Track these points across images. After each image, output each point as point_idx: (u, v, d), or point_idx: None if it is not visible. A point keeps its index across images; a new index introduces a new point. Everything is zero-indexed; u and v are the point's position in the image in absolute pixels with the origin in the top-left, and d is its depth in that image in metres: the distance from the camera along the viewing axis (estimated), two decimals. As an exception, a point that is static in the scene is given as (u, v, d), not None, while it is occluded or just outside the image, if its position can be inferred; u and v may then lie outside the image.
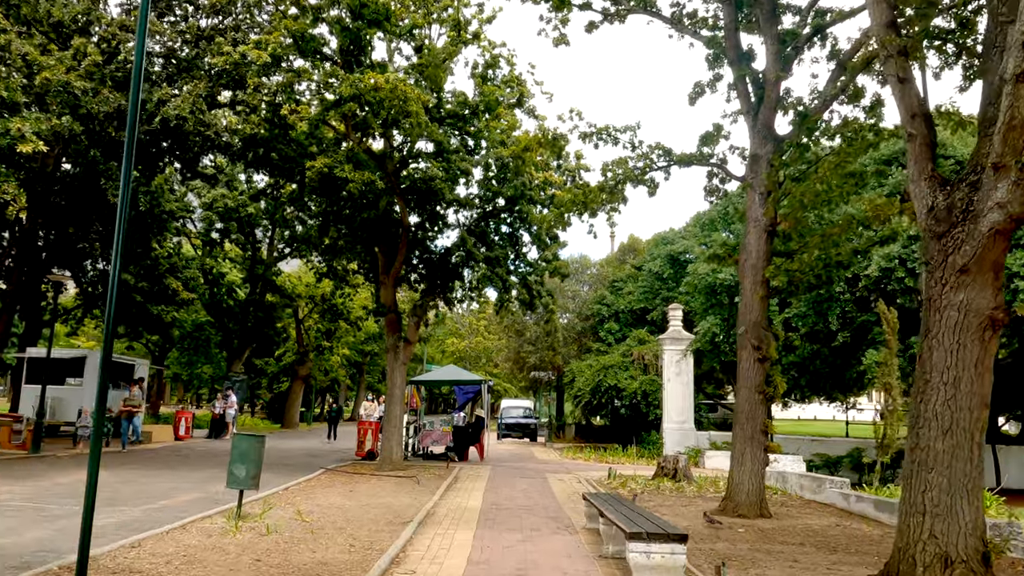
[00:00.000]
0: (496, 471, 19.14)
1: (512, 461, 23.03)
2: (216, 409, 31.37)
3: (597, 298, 31.57)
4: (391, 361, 18.54)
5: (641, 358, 26.96)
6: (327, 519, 10.54)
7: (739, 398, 12.65)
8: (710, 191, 14.26)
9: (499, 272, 18.39)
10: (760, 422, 12.42)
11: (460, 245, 18.69)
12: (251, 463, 10.21)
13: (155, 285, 24.88)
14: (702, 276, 23.08)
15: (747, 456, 12.33)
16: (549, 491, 15.26)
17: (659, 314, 29.64)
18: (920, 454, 6.95)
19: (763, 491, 12.35)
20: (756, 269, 12.69)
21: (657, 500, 14.09)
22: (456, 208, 18.72)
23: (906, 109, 7.70)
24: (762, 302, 12.65)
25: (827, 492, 14.40)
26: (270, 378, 52.69)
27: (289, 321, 41.65)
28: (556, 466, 21.64)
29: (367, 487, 14.71)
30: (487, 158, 17.83)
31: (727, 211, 28.11)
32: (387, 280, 18.75)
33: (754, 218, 12.82)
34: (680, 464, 17.69)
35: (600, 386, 26.65)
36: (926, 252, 7.27)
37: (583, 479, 17.52)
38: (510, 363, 35.59)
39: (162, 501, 12.04)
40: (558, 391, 37.86)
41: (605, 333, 30.34)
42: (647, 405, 26.01)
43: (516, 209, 19.17)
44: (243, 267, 35.18)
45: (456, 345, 54.43)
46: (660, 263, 29.66)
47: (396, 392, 18.36)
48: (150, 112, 15.52)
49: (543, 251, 20.17)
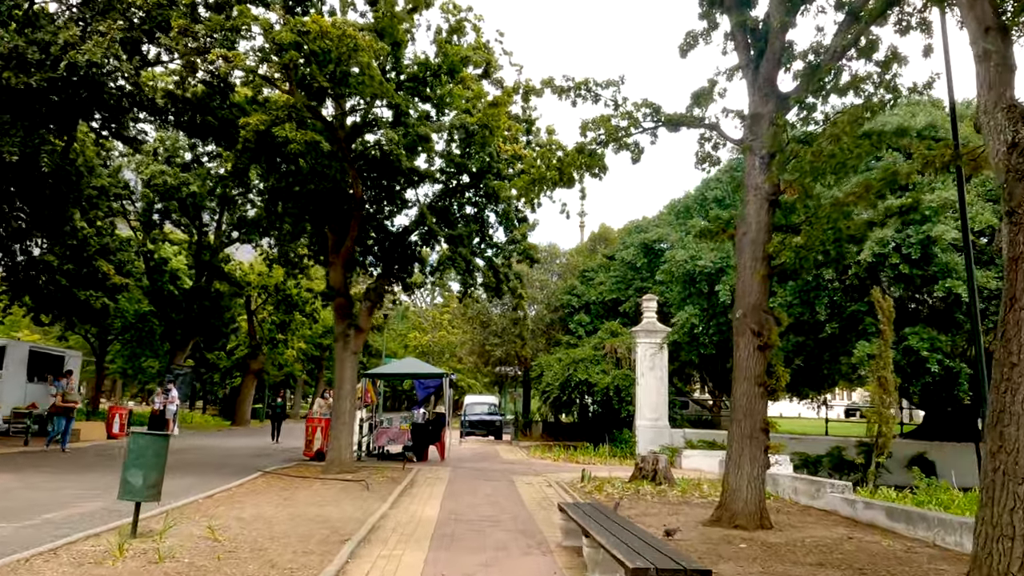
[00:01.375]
0: (458, 473, 17.32)
1: (476, 461, 21.23)
2: (155, 405, 28.99)
3: (567, 288, 29.90)
4: (339, 351, 16.59)
5: (614, 351, 25.36)
6: (246, 537, 8.61)
7: (736, 391, 11.02)
8: (702, 158, 12.61)
9: (463, 253, 16.55)
10: (760, 418, 10.81)
11: (419, 222, 16.82)
12: (150, 468, 8.24)
13: (83, 268, 22.47)
14: (680, 263, 21.55)
15: (745, 458, 10.71)
16: (517, 497, 13.50)
17: (632, 305, 28.09)
18: (1006, 460, 5.33)
19: (763, 499, 10.75)
20: (756, 244, 11.08)
21: (639, 507, 12.42)
22: (415, 181, 16.83)
23: (977, 22, 6.08)
24: (763, 282, 11.04)
25: (827, 497, 12.87)
26: (223, 373, 50.23)
27: (239, 311, 39.25)
28: (523, 467, 19.90)
29: (307, 494, 12.78)
30: (451, 125, 15.95)
31: (703, 197, 26.66)
32: (336, 261, 16.80)
33: (754, 186, 11.20)
34: (660, 465, 16.08)
35: (570, 381, 24.99)
36: (1009, 198, 5.65)
37: (554, 482, 15.81)
38: (474, 356, 33.75)
39: (50, 513, 9.98)
40: (524, 386, 36.13)
41: (575, 325, 28.68)
42: (620, 401, 24.41)
43: (482, 185, 17.35)
44: (188, 253, 32.74)
45: (419, 339, 52.43)
46: (633, 252, 28.10)
47: (346, 386, 16.43)
48: (55, 56, 13.33)
49: (511, 232, 18.38)
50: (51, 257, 21.63)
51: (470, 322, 33.34)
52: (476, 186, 17.89)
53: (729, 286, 20.47)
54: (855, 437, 27.37)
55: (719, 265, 20.72)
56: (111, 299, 23.51)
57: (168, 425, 28.80)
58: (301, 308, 39.28)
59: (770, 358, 11.00)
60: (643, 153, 12.51)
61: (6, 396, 24.52)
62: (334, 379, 16.83)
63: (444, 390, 21.58)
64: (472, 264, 16.73)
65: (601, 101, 12.24)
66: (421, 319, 58.69)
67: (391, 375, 23.14)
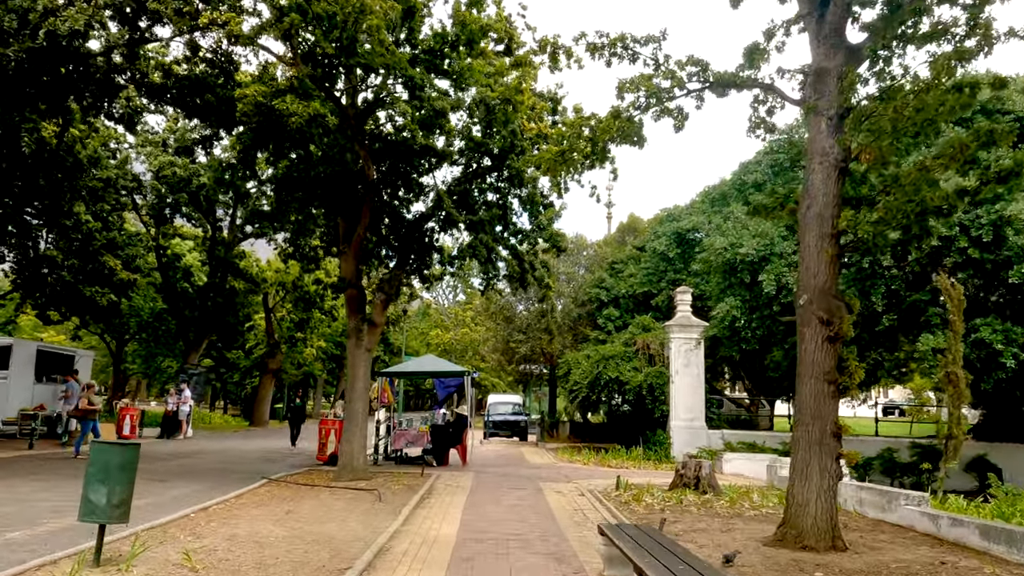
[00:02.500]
0: (480, 480, 15.94)
1: (499, 465, 19.85)
2: (168, 405, 28.03)
3: (595, 281, 28.37)
4: (352, 347, 15.28)
5: (646, 347, 23.81)
6: (230, 564, 7.29)
7: (801, 390, 9.49)
8: (755, 124, 11.07)
9: (484, 239, 15.15)
10: (831, 421, 9.27)
11: (437, 208, 15.45)
12: (116, 484, 6.94)
13: (88, 263, 21.43)
14: (719, 252, 19.95)
15: (813, 467, 9.18)
16: (546, 508, 12.07)
17: (664, 299, 26.51)
18: None
19: (835, 515, 9.21)
20: (823, 219, 9.53)
21: (685, 521, 10.93)
22: (432, 163, 15.46)
23: None
24: (831, 262, 9.49)
25: (902, 511, 11.28)
26: (243, 373, 49.45)
27: (257, 309, 38.26)
28: (551, 471, 18.48)
29: (312, 506, 11.46)
30: (471, 101, 14.55)
31: (742, 183, 24.99)
32: (348, 250, 15.49)
33: (819, 151, 9.65)
34: (703, 472, 14.55)
35: (599, 379, 23.47)
36: None
37: (586, 490, 14.36)
38: (498, 354, 32.36)
39: (15, 532, 8.75)
40: (551, 385, 34.65)
41: (604, 320, 27.15)
42: (653, 401, 22.86)
43: (505, 167, 15.93)
44: (202, 249, 31.72)
45: (441, 337, 51.18)
46: (666, 242, 26.50)
47: (359, 385, 15.12)
48: (34, 24, 12.16)
49: (536, 218, 16.94)
50: (55, 252, 20.58)
51: (493, 318, 31.93)
52: (498, 169, 16.48)
53: (774, 275, 18.87)
54: (906, 438, 25.55)
55: (762, 253, 19.10)
56: (119, 296, 22.42)
57: (181, 427, 27.87)
58: (320, 306, 38.21)
59: (841, 351, 9.46)
60: (687, 120, 11.01)
61: (12, 397, 23.60)
62: (349, 376, 15.53)
63: (466, 389, 20.21)
64: (494, 252, 15.31)
65: (640, 60, 10.76)
66: (443, 317, 57.47)
67: (409, 374, 21.84)
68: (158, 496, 12.10)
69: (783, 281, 18.75)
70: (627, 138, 10.79)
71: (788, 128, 23.78)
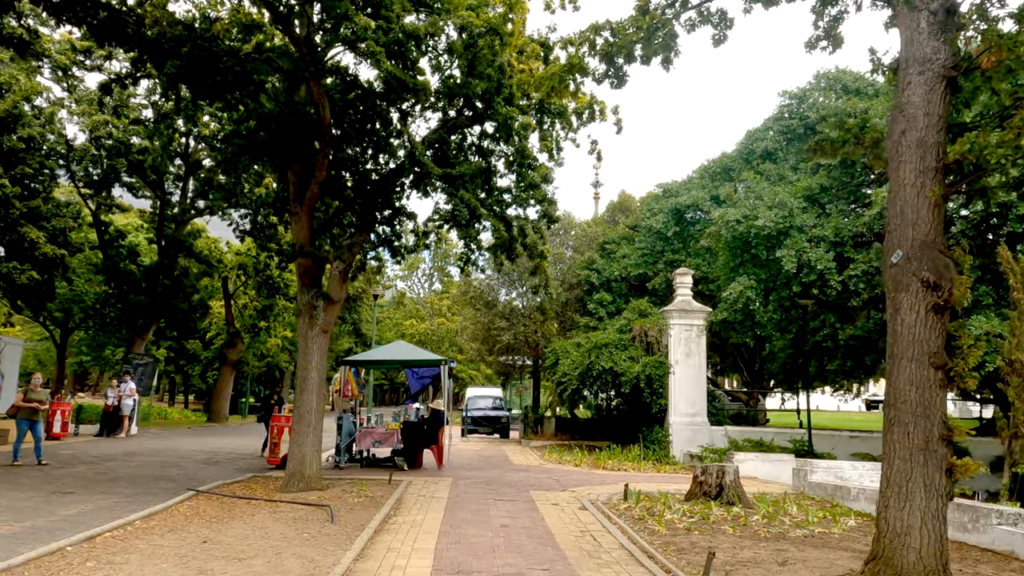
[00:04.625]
0: (460, 488, 13.36)
1: (481, 468, 17.29)
2: (109, 400, 24.98)
3: (585, 263, 25.87)
4: (303, 328, 12.61)
5: (643, 334, 21.36)
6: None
7: (896, 378, 7.04)
8: (818, 37, 8.54)
9: (464, 198, 12.55)
10: (939, 421, 6.84)
11: (410, 160, 12.79)
12: None
13: (5, 235, 18.45)
14: (731, 225, 17.52)
15: (916, 483, 6.74)
16: (544, 529, 9.53)
17: (662, 282, 24.10)
18: None
19: (946, 548, 6.78)
20: (925, 148, 7.08)
21: (724, 548, 8.46)
22: (401, 106, 12.79)
23: None
24: (937, 206, 7.05)
25: (994, 531, 8.93)
26: (204, 364, 46.42)
27: (214, 294, 35.28)
28: (541, 476, 15.97)
29: (240, 531, 8.81)
30: (447, 24, 11.90)
31: (749, 152, 22.61)
32: (300, 211, 12.81)
33: (919, 58, 7.19)
34: (727, 479, 12.13)
35: (591, 370, 20.99)
36: None
37: (587, 500, 11.87)
38: (477, 343, 29.78)
39: None
40: (534, 377, 32.12)
41: (595, 305, 24.66)
42: (652, 394, 20.44)
43: (490, 115, 13.31)
44: (151, 226, 28.68)
45: (416, 327, 48.42)
46: (663, 219, 24.05)
47: (312, 375, 12.46)
48: None
49: (523, 178, 14.38)
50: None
51: (472, 303, 29.31)
52: (481, 119, 13.85)
53: (795, 250, 16.49)
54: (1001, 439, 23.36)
55: (781, 226, 16.72)
56: (43, 274, 19.43)
57: (123, 423, 24.92)
58: (284, 292, 35.36)
59: (950, 326, 7.03)
60: (731, 28, 8.49)
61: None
62: (297, 366, 12.85)
63: (442, 381, 17.60)
64: (477, 212, 12.67)
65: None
66: (419, 306, 54.71)
67: (377, 362, 19.13)
68: (48, 516, 9.39)
69: (804, 258, 16.39)
70: (655, 49, 8.23)
71: (800, 91, 21.44)
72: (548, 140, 14.50)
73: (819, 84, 21.11)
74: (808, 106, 20.67)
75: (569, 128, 14.79)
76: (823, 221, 17.25)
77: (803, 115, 20.63)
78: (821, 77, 21.16)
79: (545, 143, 14.50)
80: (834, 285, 15.94)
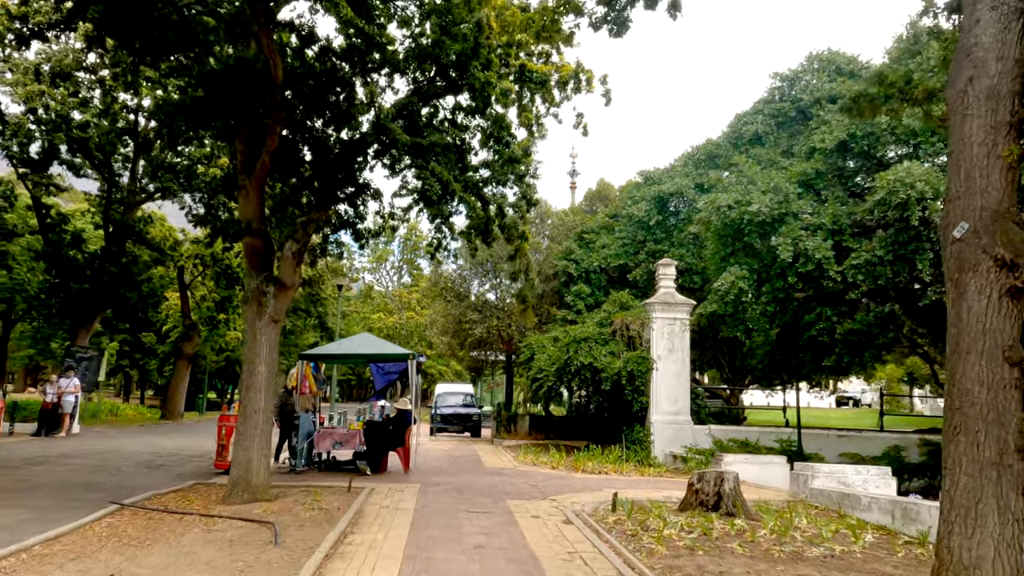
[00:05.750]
0: (428, 497, 11.96)
1: (451, 472, 15.90)
2: (47, 396, 23.09)
3: (562, 253, 24.56)
4: (251, 317, 11.10)
5: (625, 328, 20.13)
6: None
7: (960, 377, 5.80)
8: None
9: (436, 170, 11.11)
10: (1015, 429, 5.62)
11: (375, 127, 11.33)
12: None
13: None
14: (721, 211, 16.33)
15: (988, 504, 5.52)
16: (526, 550, 8.18)
17: (643, 273, 22.89)
18: None
19: (1023, 583, 5.57)
20: (998, 98, 5.86)
21: (740, 575, 7.19)
22: (364, 63, 11.30)
23: None
24: (1010, 170, 5.84)
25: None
26: (161, 359, 44.43)
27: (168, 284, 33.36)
28: (518, 481, 14.64)
29: (161, 558, 7.31)
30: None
31: (737, 136, 21.50)
32: (248, 183, 11.27)
33: (988, -8, 5.96)
34: (726, 487, 10.88)
35: (569, 366, 19.70)
36: None
37: (571, 511, 10.57)
38: (448, 336, 28.30)
39: None
40: (507, 373, 30.75)
41: (573, 298, 23.36)
42: (634, 391, 19.22)
43: (464, 82, 11.88)
44: (98, 210, 26.68)
45: (383, 321, 46.74)
46: (645, 207, 22.82)
47: (260, 369, 10.96)
48: None
49: (501, 155, 13.00)
50: None
51: (443, 294, 27.83)
52: (455, 88, 12.40)
53: (791, 238, 15.34)
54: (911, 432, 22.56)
55: (777, 212, 15.56)
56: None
57: (63, 421, 23.04)
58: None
59: (1025, 313, 5.82)
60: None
61: None
62: (244, 360, 11.32)
63: (410, 376, 16.15)
64: (450, 188, 11.23)
65: None
66: (387, 299, 53.00)
67: (338, 356, 17.57)
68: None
69: (801, 246, 15.26)
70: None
71: (792, 73, 20.37)
72: (528, 113, 13.13)
73: (811, 66, 20.05)
74: (801, 88, 19.60)
75: (551, 103, 13.46)
76: (819, 208, 16.16)
77: (795, 98, 19.55)
78: (814, 59, 20.11)
79: (525, 115, 13.13)
80: (833, 275, 14.83)
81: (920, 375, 40.97)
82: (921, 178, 13.28)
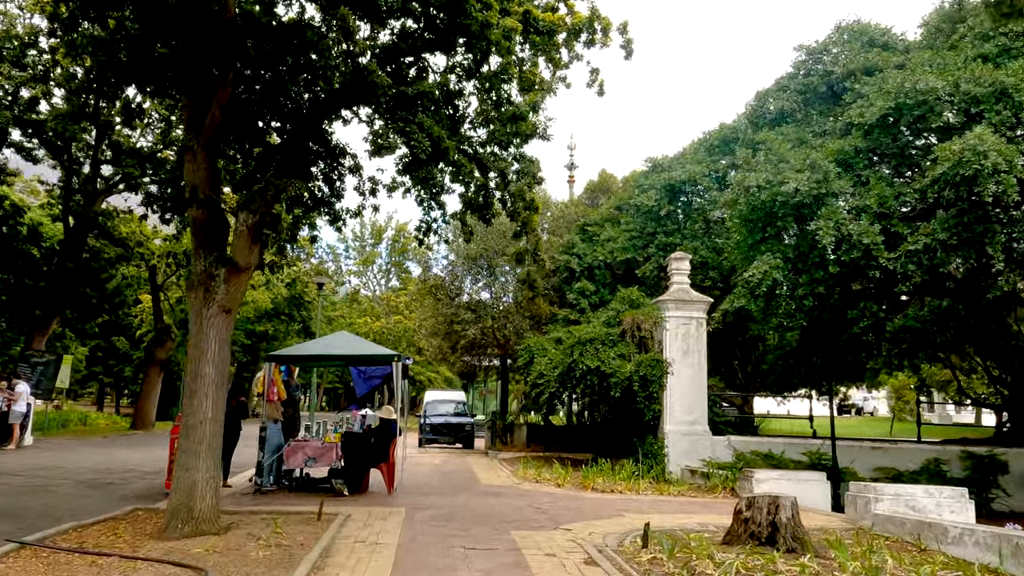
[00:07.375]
0: (415, 527, 9.85)
1: (443, 492, 13.78)
2: (-6, 405, 20.80)
3: (564, 247, 22.55)
4: (196, 306, 9.00)
5: (636, 328, 18.10)
6: None
7: None
8: None
9: (425, 123, 9.07)
10: None
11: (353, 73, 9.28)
12: None
13: None
14: (751, 191, 14.34)
15: None
16: (544, 610, 6.10)
17: (652, 268, 20.89)
18: None
19: None
20: None
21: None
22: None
23: None
24: None
25: None
26: (136, 365, 42.22)
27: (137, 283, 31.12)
28: (519, 502, 12.55)
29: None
30: None
31: (759, 115, 19.56)
32: (195, 143, 9.19)
33: None
34: (783, 515, 8.82)
35: (574, 370, 17.64)
36: None
37: (591, 545, 8.50)
38: (438, 339, 26.19)
39: None
40: (502, 380, 28.63)
41: (576, 296, 21.31)
42: (647, 398, 17.18)
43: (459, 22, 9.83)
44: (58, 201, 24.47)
45: (370, 325, 44.54)
46: (655, 196, 20.82)
47: (207, 371, 8.85)
48: None
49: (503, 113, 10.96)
50: None
51: (433, 292, 25.72)
52: (446, 42, 10.36)
53: (834, 222, 13.36)
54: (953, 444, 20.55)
55: (816, 192, 13.59)
56: None
57: (13, 432, 20.77)
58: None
59: None
60: None
61: None
62: (187, 358, 9.18)
63: (395, 381, 14.01)
64: (442, 145, 9.16)
65: None
66: (374, 303, 50.79)
67: (312, 358, 15.36)
68: None
69: (844, 231, 13.28)
70: None
71: (820, 45, 18.48)
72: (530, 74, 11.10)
73: (840, 37, 18.17)
74: (830, 61, 17.68)
75: (557, 65, 11.47)
76: (861, 190, 14.21)
77: (824, 71, 17.63)
78: (843, 30, 18.21)
79: (531, 71, 11.12)
80: (883, 263, 12.85)
81: (933, 382, 39.07)
82: (995, 147, 11.36)
